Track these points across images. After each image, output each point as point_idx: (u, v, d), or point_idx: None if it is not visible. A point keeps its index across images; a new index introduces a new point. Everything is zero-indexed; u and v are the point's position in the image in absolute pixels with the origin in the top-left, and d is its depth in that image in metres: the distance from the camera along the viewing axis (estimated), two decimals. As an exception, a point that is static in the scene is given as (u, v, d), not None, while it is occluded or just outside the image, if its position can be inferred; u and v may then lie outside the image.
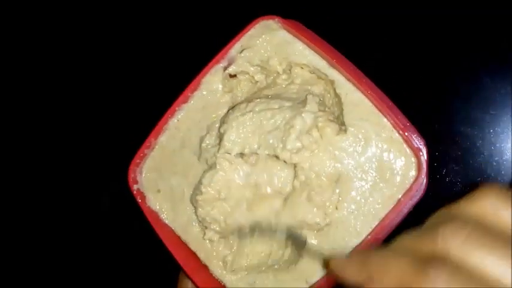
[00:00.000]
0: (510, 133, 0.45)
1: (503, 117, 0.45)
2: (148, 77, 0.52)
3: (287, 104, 0.37)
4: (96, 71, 0.54)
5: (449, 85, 0.46)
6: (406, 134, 0.34)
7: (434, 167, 0.44)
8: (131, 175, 0.40)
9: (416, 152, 0.34)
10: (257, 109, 0.37)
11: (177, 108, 0.40)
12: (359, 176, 0.35)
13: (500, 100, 0.45)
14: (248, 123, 0.37)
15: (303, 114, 0.35)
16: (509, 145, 0.45)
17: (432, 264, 0.21)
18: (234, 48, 0.39)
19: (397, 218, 0.33)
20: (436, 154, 0.44)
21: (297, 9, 0.39)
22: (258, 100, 0.38)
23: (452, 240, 0.21)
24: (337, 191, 0.35)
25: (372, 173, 0.35)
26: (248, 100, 0.39)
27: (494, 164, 0.46)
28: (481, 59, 0.46)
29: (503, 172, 0.45)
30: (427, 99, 0.46)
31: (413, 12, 0.47)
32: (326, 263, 0.33)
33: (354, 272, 0.25)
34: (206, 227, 0.38)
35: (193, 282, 0.38)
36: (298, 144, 0.35)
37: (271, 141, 0.36)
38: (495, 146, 0.45)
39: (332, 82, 0.37)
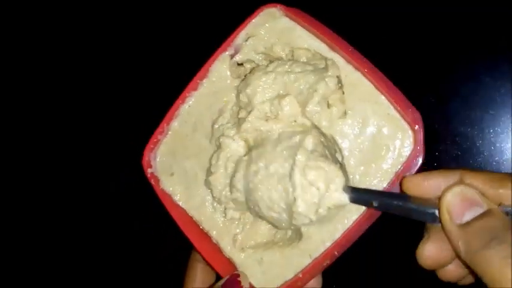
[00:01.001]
0: (510, 133, 0.45)
1: (503, 117, 0.46)
2: (158, 67, 0.54)
3: (309, 68, 0.38)
4: (110, 62, 0.57)
5: (449, 85, 0.47)
6: (401, 107, 0.35)
7: (434, 167, 0.44)
8: (145, 159, 0.43)
9: (412, 125, 0.35)
10: (279, 70, 0.38)
11: (187, 95, 0.42)
12: (356, 155, 0.36)
13: (500, 100, 0.46)
14: (273, 85, 0.38)
15: (326, 79, 0.37)
16: (509, 145, 0.46)
17: None
18: (240, 36, 0.41)
19: (396, 190, 0.34)
20: (436, 154, 0.45)
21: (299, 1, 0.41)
22: (278, 62, 0.39)
23: None
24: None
25: (369, 151, 0.36)
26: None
27: (494, 164, 0.46)
28: (481, 58, 0.46)
29: (503, 172, 0.45)
30: (427, 99, 0.47)
31: (412, 11, 0.48)
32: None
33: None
34: (226, 208, 0.40)
35: (204, 259, 0.40)
36: (317, 109, 0.37)
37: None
38: (495, 146, 0.46)
39: (333, 63, 0.39)
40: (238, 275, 0.38)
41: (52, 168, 0.57)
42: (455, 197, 0.27)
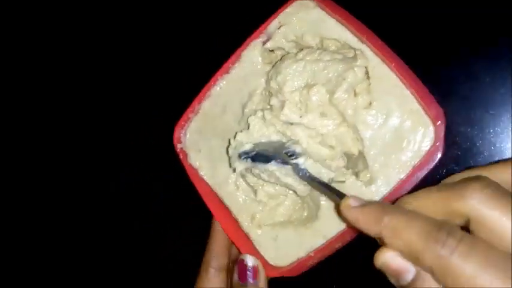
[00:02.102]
0: (510, 133, 0.45)
1: (503, 117, 0.45)
2: (196, 52, 0.55)
3: (338, 56, 0.39)
4: (110, 62, 0.57)
5: (449, 85, 0.47)
6: (426, 103, 0.36)
7: (435, 167, 0.44)
8: (176, 135, 0.45)
9: (434, 121, 0.36)
10: (308, 58, 0.39)
11: (219, 78, 0.45)
12: (377, 146, 0.37)
13: (500, 100, 0.45)
14: (303, 72, 0.40)
15: (355, 68, 0.38)
16: (509, 145, 0.45)
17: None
18: (272, 25, 0.43)
19: (413, 183, 0.36)
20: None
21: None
22: (307, 50, 0.40)
23: (478, 196, 0.23)
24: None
25: (391, 143, 0.37)
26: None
27: None
28: (481, 58, 0.46)
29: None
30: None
31: (412, 11, 0.48)
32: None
33: (368, 222, 0.27)
34: (256, 190, 0.42)
35: (223, 229, 0.43)
36: (345, 96, 0.38)
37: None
38: (495, 146, 0.45)
39: (362, 54, 0.40)
40: (243, 260, 0.40)
41: (52, 168, 0.58)
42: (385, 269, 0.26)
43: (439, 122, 0.36)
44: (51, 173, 0.57)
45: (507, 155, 0.45)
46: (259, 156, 0.39)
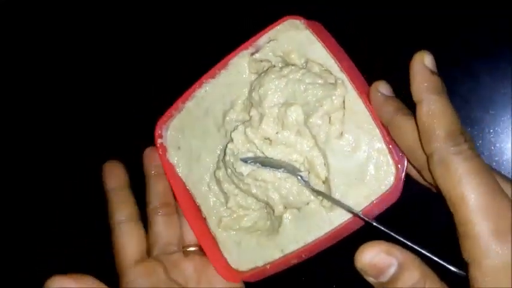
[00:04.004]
0: (510, 133, 0.45)
1: (503, 117, 0.45)
2: (185, 56, 0.57)
3: (319, 81, 0.40)
4: (110, 61, 0.58)
5: (449, 85, 0.47)
6: (391, 146, 0.38)
7: None
8: (158, 130, 0.47)
9: (396, 163, 0.38)
10: (291, 77, 0.41)
11: (204, 81, 0.46)
12: (341, 175, 0.39)
13: (500, 100, 0.45)
14: (284, 90, 0.41)
15: (333, 97, 0.40)
16: (509, 145, 0.46)
17: None
18: (262, 39, 0.44)
19: (369, 217, 0.38)
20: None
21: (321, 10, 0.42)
22: (292, 68, 0.41)
23: None
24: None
25: (354, 175, 0.39)
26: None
27: (494, 164, 0.47)
28: (481, 58, 0.46)
29: (503, 172, 0.47)
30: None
31: (412, 12, 0.47)
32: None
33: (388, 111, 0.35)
34: (229, 197, 0.44)
35: (190, 226, 0.45)
36: (319, 122, 0.40)
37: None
38: (495, 146, 0.46)
39: (342, 84, 0.41)
40: None
41: (51, 168, 0.59)
42: (369, 267, 0.30)
43: (400, 165, 0.37)
44: (50, 173, 0.58)
45: (507, 155, 0.46)
46: (268, 162, 0.41)
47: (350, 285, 0.50)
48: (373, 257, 0.30)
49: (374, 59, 0.40)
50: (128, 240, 0.42)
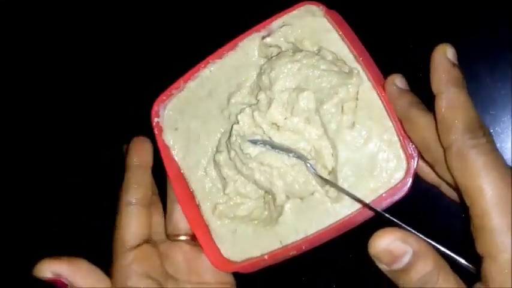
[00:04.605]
0: (510, 133, 0.45)
1: (503, 117, 0.46)
2: (192, 36, 0.55)
3: (334, 68, 0.39)
4: (110, 60, 0.57)
5: None
6: (404, 140, 0.37)
7: None
8: (155, 108, 0.44)
9: (408, 158, 0.37)
10: (305, 62, 0.39)
11: (210, 61, 0.44)
12: (350, 167, 0.39)
13: (500, 100, 0.46)
14: (296, 74, 0.40)
15: (349, 86, 0.39)
16: (509, 145, 0.46)
17: None
18: (276, 23, 0.42)
19: (378, 209, 0.37)
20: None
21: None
22: (307, 53, 0.40)
23: None
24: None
25: (364, 167, 0.38)
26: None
27: None
28: (481, 58, 0.46)
29: None
30: (428, 99, 0.48)
31: (412, 12, 0.48)
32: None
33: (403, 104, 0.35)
34: (228, 183, 0.42)
35: (183, 212, 0.43)
36: (333, 110, 0.39)
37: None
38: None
39: (357, 73, 0.40)
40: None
41: (51, 168, 0.58)
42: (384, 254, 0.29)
43: (412, 160, 0.37)
44: (50, 172, 0.57)
45: (507, 155, 0.45)
46: (277, 146, 0.40)
47: (350, 285, 0.49)
48: (389, 243, 0.29)
49: (384, 55, 0.40)
50: (132, 223, 0.38)
